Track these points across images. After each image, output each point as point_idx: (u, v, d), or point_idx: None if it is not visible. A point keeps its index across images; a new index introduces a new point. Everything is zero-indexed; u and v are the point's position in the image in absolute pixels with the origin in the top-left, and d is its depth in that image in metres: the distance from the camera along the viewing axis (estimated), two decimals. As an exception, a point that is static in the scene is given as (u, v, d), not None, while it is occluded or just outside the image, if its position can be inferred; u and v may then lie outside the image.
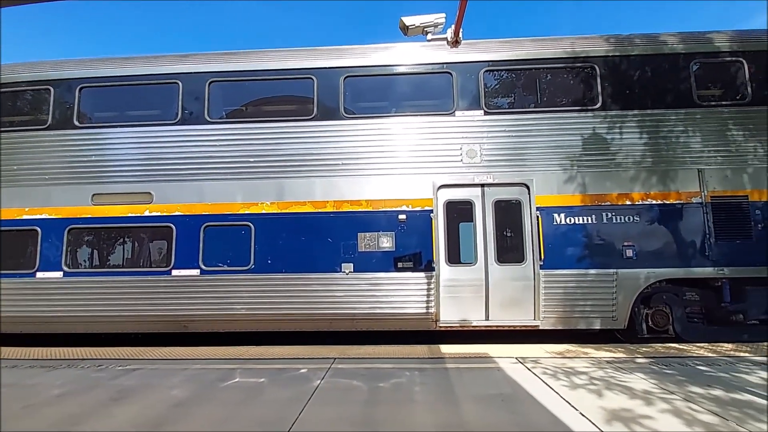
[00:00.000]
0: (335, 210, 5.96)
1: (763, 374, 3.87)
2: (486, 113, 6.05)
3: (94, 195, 6.16)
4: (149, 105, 6.84)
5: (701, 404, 3.15)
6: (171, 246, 6.01)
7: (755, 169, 5.69)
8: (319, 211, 5.97)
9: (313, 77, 6.24)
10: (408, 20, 4.54)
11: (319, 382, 3.84)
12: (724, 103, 5.94)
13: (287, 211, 5.99)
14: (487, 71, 6.18)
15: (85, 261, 6.32)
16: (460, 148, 6.00)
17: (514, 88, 6.53)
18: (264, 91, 6.71)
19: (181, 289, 5.92)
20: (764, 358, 4.42)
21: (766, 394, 3.34)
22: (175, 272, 5.95)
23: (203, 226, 5.99)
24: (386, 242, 5.84)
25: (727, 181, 5.70)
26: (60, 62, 6.65)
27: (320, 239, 5.90)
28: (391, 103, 6.58)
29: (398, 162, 6.02)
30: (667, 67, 6.00)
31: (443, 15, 4.56)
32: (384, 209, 5.90)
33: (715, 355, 4.64)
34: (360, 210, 5.93)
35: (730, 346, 5.06)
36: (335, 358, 4.67)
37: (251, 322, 5.91)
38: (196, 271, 5.93)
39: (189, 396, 3.56)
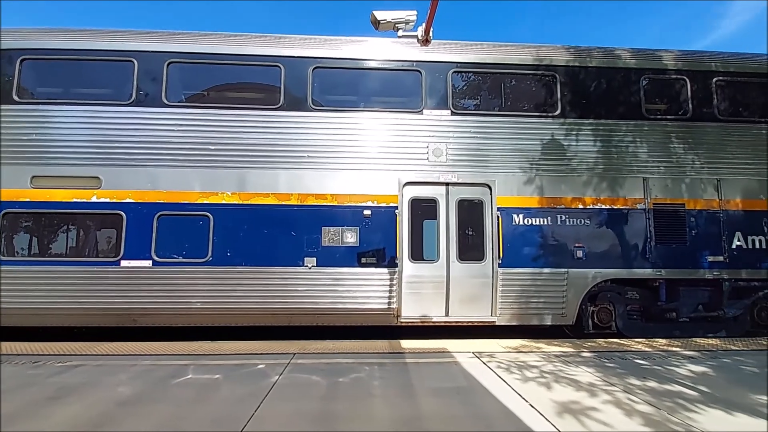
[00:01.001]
0: (300, 203, 5.85)
1: (692, 367, 4.26)
2: (453, 113, 6.17)
3: (33, 177, 5.65)
4: (100, 83, 6.35)
5: (638, 395, 3.41)
6: (120, 235, 5.65)
7: (692, 179, 6.21)
8: (283, 203, 5.84)
9: (280, 65, 6.07)
10: (380, 15, 4.53)
11: (277, 377, 3.78)
12: (668, 117, 6.42)
13: (249, 202, 5.81)
14: (455, 72, 6.29)
15: (22, 249, 5.80)
16: (427, 147, 6.07)
17: (481, 91, 6.71)
18: (228, 76, 6.43)
19: (130, 280, 5.59)
20: (693, 353, 4.86)
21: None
22: (124, 263, 5.60)
23: (157, 215, 5.68)
24: (350, 237, 5.82)
25: (667, 190, 6.18)
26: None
27: (283, 232, 5.78)
28: (360, 97, 6.53)
29: (365, 157, 6.00)
30: (620, 80, 6.39)
31: (414, 12, 4.59)
32: (349, 204, 5.87)
33: (650, 349, 5.04)
34: (325, 204, 5.87)
35: (663, 341, 5.52)
36: (295, 354, 4.61)
37: (207, 316, 5.70)
38: (147, 263, 5.62)
39: (136, 394, 3.38)
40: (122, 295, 5.57)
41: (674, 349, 5.06)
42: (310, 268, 5.73)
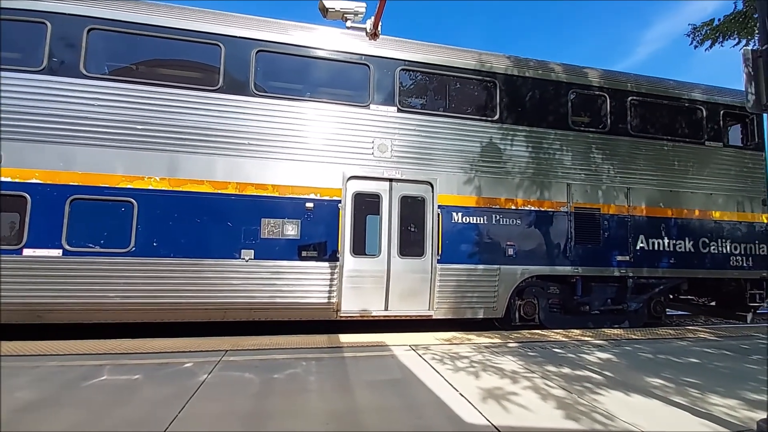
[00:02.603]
0: (238, 192, 5.57)
1: (600, 354, 4.77)
2: (399, 110, 6.25)
3: None
4: (4, 45, 5.49)
5: (554, 381, 3.75)
6: (24, 220, 4.96)
7: (607, 187, 6.93)
8: (219, 192, 5.52)
9: (220, 45, 5.70)
10: (328, 2, 4.42)
11: (205, 376, 3.58)
12: (590, 129, 7.08)
13: (180, 189, 5.40)
14: (403, 70, 6.37)
15: None
16: (372, 142, 6.10)
17: (427, 91, 6.86)
18: (161, 51, 5.90)
19: (35, 272, 4.95)
20: (602, 342, 5.44)
21: None
22: (27, 251, 4.94)
23: (70, 199, 5.08)
24: (291, 230, 5.67)
25: (586, 195, 6.83)
26: None
27: (218, 223, 5.47)
28: (306, 86, 6.35)
29: (309, 149, 5.87)
30: (551, 92, 6.92)
31: (364, 5, 4.55)
32: (291, 196, 5.72)
33: (567, 339, 5.56)
34: (265, 194, 5.65)
35: (578, 331, 6.12)
36: (226, 351, 4.40)
37: (128, 312, 5.22)
38: (57, 252, 5.00)
39: (39, 399, 3.01)
40: (24, 288, 4.91)
41: (586, 338, 5.63)
42: (247, 261, 5.49)
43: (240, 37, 5.77)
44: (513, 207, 6.48)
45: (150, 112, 5.43)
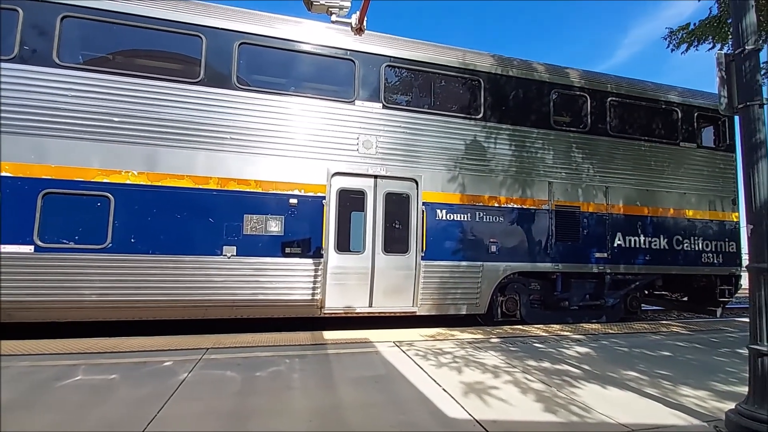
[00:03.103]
0: (219, 188, 5.47)
1: (578, 349, 4.89)
2: (384, 107, 6.24)
3: None
4: None
5: (534, 375, 3.83)
6: (-8, 215, 4.76)
7: (586, 185, 7.09)
8: (200, 187, 5.40)
9: (201, 36, 5.57)
10: (314, -3, 4.36)
11: (186, 375, 3.52)
12: (570, 129, 7.22)
13: (160, 183, 5.27)
14: (388, 66, 6.36)
15: None
16: (357, 138, 6.07)
17: (412, 88, 6.87)
18: (139, 41, 5.71)
19: (5, 269, 4.75)
20: (580, 336, 5.58)
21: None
22: (-4, 248, 4.74)
23: (42, 193, 4.89)
24: (274, 226, 5.60)
25: (567, 194, 6.98)
26: None
27: (199, 218, 5.36)
28: (290, 81, 6.27)
29: (293, 144, 5.81)
30: (534, 92, 7.02)
31: (350, -1, 4.51)
32: (275, 191, 5.64)
33: (547, 334, 5.69)
34: (248, 190, 5.56)
35: (558, 326, 6.27)
36: (208, 349, 4.33)
37: (105, 310, 5.08)
38: (28, 248, 4.82)
39: (10, 399, 2.90)
40: (-8, 286, 4.71)
41: (566, 333, 5.77)
42: (229, 258, 5.40)
43: (222, 29, 5.65)
44: (496, 204, 6.56)
45: (128, 104, 5.27)
